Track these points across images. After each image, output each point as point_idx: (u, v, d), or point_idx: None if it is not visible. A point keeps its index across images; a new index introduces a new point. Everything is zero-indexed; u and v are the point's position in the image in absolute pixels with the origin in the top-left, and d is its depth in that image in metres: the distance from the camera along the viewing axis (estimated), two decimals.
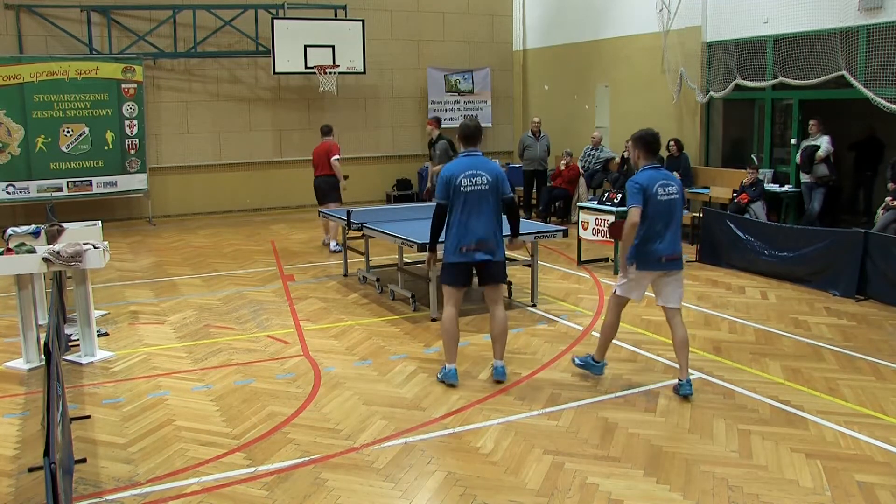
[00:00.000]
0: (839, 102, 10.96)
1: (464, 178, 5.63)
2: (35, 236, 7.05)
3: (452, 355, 5.84)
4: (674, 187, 5.54)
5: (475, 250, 5.67)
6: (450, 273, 5.77)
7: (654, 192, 5.45)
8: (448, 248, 5.75)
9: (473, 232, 5.65)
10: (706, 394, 5.60)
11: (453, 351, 5.84)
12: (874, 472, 4.42)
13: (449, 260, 5.75)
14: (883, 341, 6.78)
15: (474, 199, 5.64)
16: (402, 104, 16.01)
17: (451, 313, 5.77)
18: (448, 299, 5.80)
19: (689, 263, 9.93)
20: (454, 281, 5.78)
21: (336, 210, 9.90)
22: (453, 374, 5.79)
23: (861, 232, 8.23)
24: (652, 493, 4.21)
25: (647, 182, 5.47)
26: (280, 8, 14.36)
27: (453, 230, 5.70)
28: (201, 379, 6.02)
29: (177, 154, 14.33)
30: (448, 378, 5.79)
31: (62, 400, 4.27)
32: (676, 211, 5.55)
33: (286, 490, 4.27)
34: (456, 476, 4.41)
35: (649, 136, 5.71)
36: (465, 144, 5.83)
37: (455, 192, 5.63)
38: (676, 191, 5.55)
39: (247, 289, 8.92)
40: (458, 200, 5.64)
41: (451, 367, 5.82)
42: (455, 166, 5.74)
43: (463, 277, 5.79)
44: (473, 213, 5.65)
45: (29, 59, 12.56)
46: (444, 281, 5.84)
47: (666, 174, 5.65)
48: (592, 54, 14.47)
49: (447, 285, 5.81)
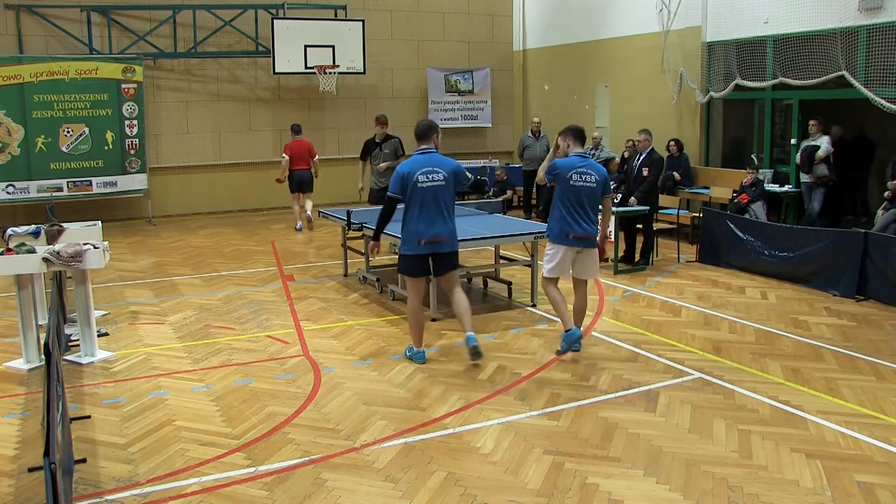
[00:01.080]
0: (839, 102, 10.96)
1: (420, 175, 6.02)
2: (35, 236, 7.05)
3: (419, 340, 6.36)
4: (592, 176, 6.31)
5: (432, 243, 6.08)
6: (408, 264, 6.21)
7: (568, 177, 6.26)
8: (406, 240, 6.16)
9: (430, 226, 6.06)
10: (706, 394, 5.61)
11: (420, 336, 6.35)
12: (874, 472, 4.42)
13: (406, 252, 6.17)
14: (883, 341, 6.78)
15: (431, 195, 6.04)
16: (402, 104, 16.01)
17: (416, 303, 6.28)
18: (411, 289, 6.30)
19: (689, 263, 9.96)
20: (413, 272, 6.23)
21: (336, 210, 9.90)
22: (422, 357, 6.31)
23: (861, 232, 8.23)
24: (652, 493, 4.21)
25: (564, 166, 6.33)
26: (280, 8, 14.36)
27: (411, 224, 6.10)
28: (201, 379, 6.02)
29: (177, 154, 14.33)
30: (416, 358, 6.31)
31: (62, 400, 4.27)
32: (588, 197, 6.31)
33: (286, 490, 4.27)
34: (456, 476, 4.41)
35: (577, 128, 6.56)
36: (419, 142, 6.24)
37: (412, 188, 6.01)
38: (594, 180, 6.30)
39: (247, 289, 8.92)
40: (415, 196, 6.03)
41: (419, 350, 6.33)
42: (412, 163, 6.10)
43: (421, 268, 6.22)
44: (431, 209, 6.05)
45: (29, 59, 12.57)
46: (403, 272, 6.34)
47: (588, 163, 6.40)
48: (592, 54, 14.47)
49: (408, 276, 6.29)
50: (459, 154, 16.11)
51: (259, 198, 14.87)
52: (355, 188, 11.42)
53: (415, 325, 6.31)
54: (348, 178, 15.05)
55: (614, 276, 9.34)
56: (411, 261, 6.17)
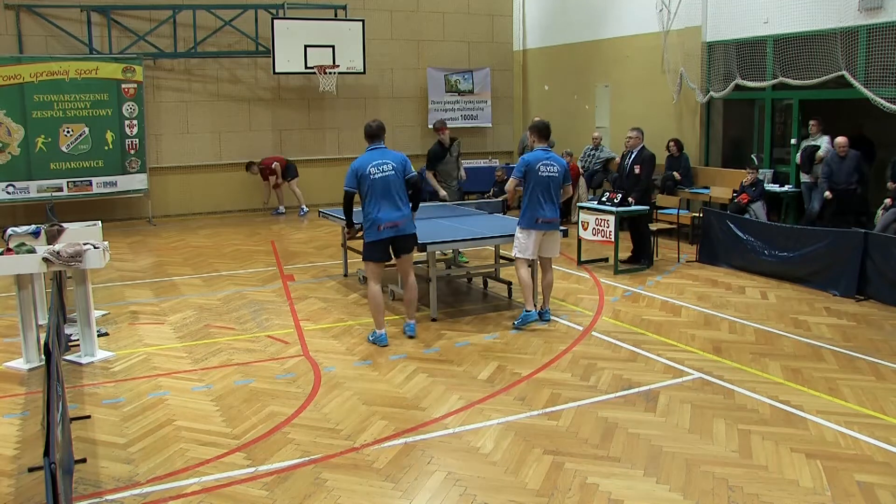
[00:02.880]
0: (839, 102, 10.96)
1: (372, 168, 6.64)
2: (35, 236, 7.05)
3: (381, 322, 6.79)
4: (555, 167, 7.19)
5: (392, 227, 6.64)
6: (372, 250, 6.72)
7: (536, 169, 7.13)
8: (368, 229, 6.68)
9: (387, 213, 6.61)
10: (706, 394, 5.61)
11: (381, 318, 6.80)
12: (874, 472, 4.42)
13: (370, 239, 6.68)
14: (883, 341, 6.78)
15: (382, 185, 6.61)
16: (402, 104, 16.01)
17: (377, 288, 6.76)
18: (371, 275, 6.79)
19: (689, 263, 9.95)
20: (376, 257, 6.75)
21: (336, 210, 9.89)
22: (384, 338, 6.75)
23: (861, 232, 8.23)
24: (652, 493, 4.21)
25: (531, 160, 7.18)
26: (280, 8, 14.36)
27: (371, 213, 6.63)
28: (201, 379, 6.02)
29: (177, 154, 14.32)
30: (379, 341, 6.73)
31: (62, 400, 4.27)
32: (553, 185, 7.20)
33: (286, 490, 4.27)
34: (456, 476, 4.41)
35: (541, 124, 7.45)
36: (370, 142, 6.87)
37: (365, 180, 6.62)
38: (557, 170, 7.19)
39: (247, 289, 8.92)
40: (370, 187, 6.62)
41: (381, 332, 6.76)
42: (362, 160, 6.74)
43: (384, 253, 6.77)
44: (385, 197, 6.62)
45: (29, 59, 12.56)
46: (367, 258, 6.79)
47: (551, 156, 7.26)
48: (592, 54, 14.47)
49: (371, 262, 6.77)
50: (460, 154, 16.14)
51: (259, 198, 14.86)
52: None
53: (377, 308, 6.76)
54: None
55: (614, 276, 9.34)
56: (376, 246, 6.70)
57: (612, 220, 9.33)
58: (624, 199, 9.46)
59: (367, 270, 6.85)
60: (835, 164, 10.02)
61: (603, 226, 9.47)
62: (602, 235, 9.53)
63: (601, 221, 9.50)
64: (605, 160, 13.53)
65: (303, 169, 14.62)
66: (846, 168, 9.94)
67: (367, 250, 6.78)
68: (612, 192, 9.86)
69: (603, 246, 9.88)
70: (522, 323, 7.23)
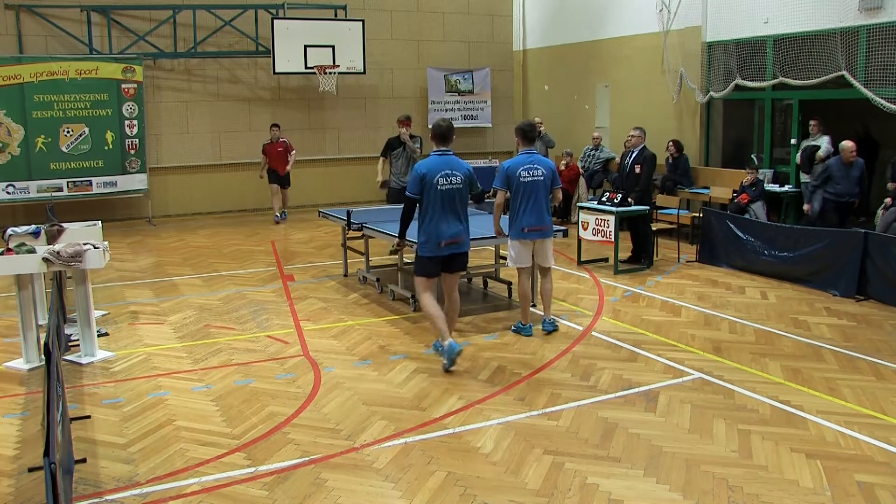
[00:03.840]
0: (839, 102, 10.96)
1: (440, 178, 6.07)
2: (35, 236, 7.05)
3: (444, 330, 6.16)
4: (539, 170, 6.76)
5: (452, 244, 6.17)
6: (427, 266, 6.22)
7: (517, 175, 6.73)
8: (426, 243, 6.15)
9: (450, 228, 6.13)
10: (706, 394, 5.61)
11: (444, 326, 6.17)
12: (874, 472, 4.42)
13: (426, 254, 6.17)
14: (883, 341, 6.78)
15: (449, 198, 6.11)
16: (402, 104, 15.98)
17: (432, 298, 6.21)
18: (425, 288, 6.25)
19: (689, 263, 9.95)
20: (432, 272, 6.25)
21: (336, 210, 9.90)
22: (454, 346, 6.06)
23: (861, 232, 8.23)
24: (652, 493, 4.21)
25: (511, 165, 6.79)
26: (280, 8, 14.36)
27: (430, 226, 6.10)
28: (201, 379, 6.02)
29: (177, 154, 14.33)
30: (449, 352, 6.05)
31: (62, 400, 4.27)
32: (539, 190, 6.74)
33: (286, 490, 4.27)
34: (456, 476, 4.41)
35: (525, 126, 6.97)
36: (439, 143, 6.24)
37: (431, 190, 6.05)
38: (542, 173, 6.75)
39: (247, 289, 8.92)
40: (434, 198, 6.06)
41: (448, 341, 6.09)
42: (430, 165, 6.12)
43: (439, 270, 6.27)
44: (450, 210, 6.13)
45: (29, 59, 12.56)
46: (421, 273, 6.26)
47: (534, 159, 6.83)
48: (592, 54, 14.47)
49: (424, 277, 6.25)
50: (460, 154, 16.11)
51: (259, 198, 14.85)
52: (355, 188, 11.41)
53: (438, 317, 6.16)
54: (348, 178, 15.09)
55: (614, 277, 9.34)
56: (432, 261, 6.18)
57: (611, 220, 9.33)
58: (624, 200, 9.46)
59: (419, 285, 6.32)
60: (838, 172, 9.64)
61: (603, 226, 9.47)
62: (602, 235, 9.53)
63: (601, 221, 9.50)
64: (605, 160, 13.52)
65: (304, 169, 14.62)
66: (851, 178, 9.62)
67: (422, 266, 6.24)
68: (612, 192, 9.86)
69: (603, 246, 9.88)
70: (516, 331, 7.06)
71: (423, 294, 6.26)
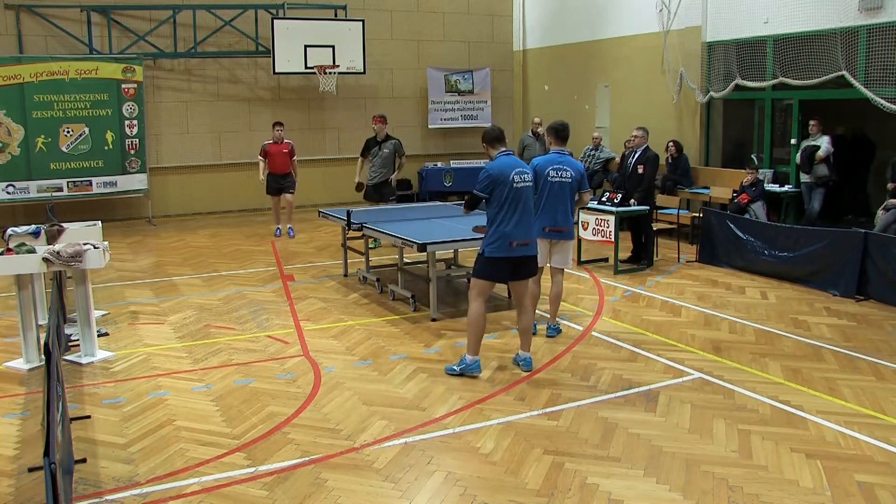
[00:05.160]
0: (839, 102, 10.96)
1: (516, 175, 5.82)
2: (35, 236, 7.05)
3: (478, 348, 5.98)
4: (568, 172, 6.63)
5: (524, 245, 5.89)
6: (494, 267, 5.90)
7: (545, 173, 6.58)
8: (496, 242, 5.84)
9: (523, 228, 5.86)
10: (706, 394, 5.61)
11: (479, 344, 5.98)
12: (874, 472, 4.42)
13: (495, 255, 5.84)
14: (883, 341, 6.78)
15: (524, 196, 5.87)
16: (402, 104, 16.00)
17: (482, 308, 5.92)
18: (480, 293, 5.93)
19: (689, 263, 9.95)
20: (496, 275, 5.99)
21: (336, 210, 9.90)
22: (477, 367, 5.97)
23: (861, 232, 8.23)
24: (652, 493, 4.21)
25: (541, 164, 6.64)
26: (280, 8, 14.36)
27: (503, 226, 5.81)
28: (201, 379, 6.02)
29: (177, 154, 14.32)
30: (470, 370, 5.95)
31: (62, 400, 4.27)
32: (565, 192, 6.65)
33: (286, 490, 4.27)
34: (456, 476, 4.41)
35: (558, 125, 6.85)
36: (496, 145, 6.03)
37: (508, 189, 5.79)
38: (570, 175, 6.64)
39: (247, 289, 8.92)
40: (509, 197, 5.79)
41: (475, 360, 5.96)
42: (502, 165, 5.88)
43: (504, 273, 5.99)
44: (524, 210, 5.87)
45: (29, 59, 12.56)
46: (483, 275, 5.93)
47: (564, 160, 6.70)
48: (592, 54, 14.47)
49: (485, 279, 5.94)
50: (460, 154, 16.17)
51: (259, 198, 14.82)
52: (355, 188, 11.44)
53: (478, 332, 5.92)
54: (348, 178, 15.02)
55: (614, 277, 9.34)
56: (499, 263, 5.86)
57: (611, 220, 9.33)
58: (624, 200, 9.46)
59: (475, 288, 5.94)
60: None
61: (603, 226, 9.47)
62: (602, 235, 9.53)
63: (601, 221, 9.50)
64: (606, 160, 13.52)
65: (303, 169, 14.57)
66: None
67: (486, 266, 5.89)
68: (613, 192, 9.86)
69: (603, 246, 9.88)
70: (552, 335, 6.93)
71: (475, 300, 5.92)
